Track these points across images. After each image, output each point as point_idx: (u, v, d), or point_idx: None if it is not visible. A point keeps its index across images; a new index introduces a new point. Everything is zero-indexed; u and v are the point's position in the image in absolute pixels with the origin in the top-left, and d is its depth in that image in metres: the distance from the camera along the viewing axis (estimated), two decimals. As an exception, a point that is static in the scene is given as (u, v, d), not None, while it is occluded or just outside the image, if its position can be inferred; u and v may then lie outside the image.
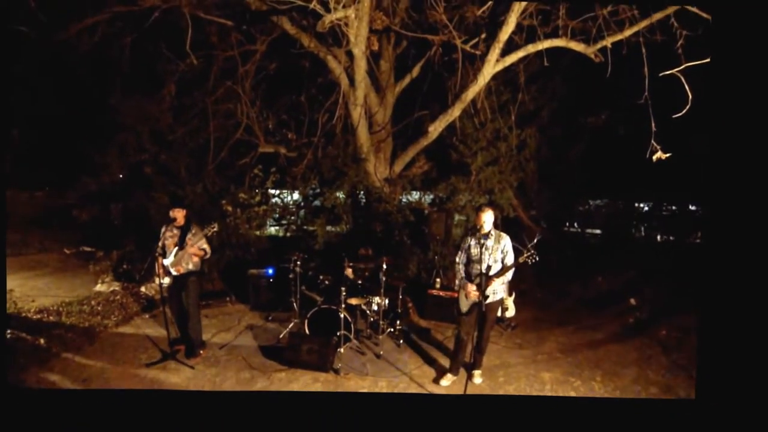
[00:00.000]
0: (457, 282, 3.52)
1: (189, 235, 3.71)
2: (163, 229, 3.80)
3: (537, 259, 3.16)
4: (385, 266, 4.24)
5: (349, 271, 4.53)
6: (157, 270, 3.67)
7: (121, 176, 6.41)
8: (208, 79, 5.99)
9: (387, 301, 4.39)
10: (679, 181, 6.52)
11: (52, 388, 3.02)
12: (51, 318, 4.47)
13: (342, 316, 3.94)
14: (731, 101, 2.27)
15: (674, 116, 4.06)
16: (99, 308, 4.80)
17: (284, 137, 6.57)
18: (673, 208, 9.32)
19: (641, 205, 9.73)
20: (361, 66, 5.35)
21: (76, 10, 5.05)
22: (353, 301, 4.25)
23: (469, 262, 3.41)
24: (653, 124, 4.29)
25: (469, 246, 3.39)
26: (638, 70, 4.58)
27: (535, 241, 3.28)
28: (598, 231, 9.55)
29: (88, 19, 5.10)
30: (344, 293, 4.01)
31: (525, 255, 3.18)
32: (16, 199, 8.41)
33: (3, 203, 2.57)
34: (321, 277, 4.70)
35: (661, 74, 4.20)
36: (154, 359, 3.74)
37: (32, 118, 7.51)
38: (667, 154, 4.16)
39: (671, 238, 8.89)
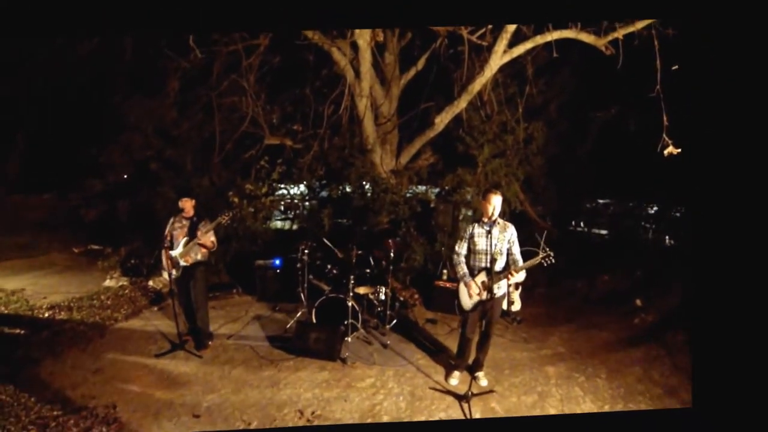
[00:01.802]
0: (459, 275, 3.22)
1: (199, 226, 3.72)
2: (171, 220, 3.80)
3: (554, 260, 2.91)
4: (392, 252, 4.21)
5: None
6: (164, 262, 3.70)
7: (125, 177, 6.42)
8: (212, 73, 5.96)
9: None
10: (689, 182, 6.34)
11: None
12: (62, 313, 4.53)
13: (350, 305, 3.95)
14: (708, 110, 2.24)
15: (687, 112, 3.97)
16: (108, 303, 4.87)
17: (290, 129, 6.55)
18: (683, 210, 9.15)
19: (650, 206, 9.56)
20: (366, 58, 5.31)
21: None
22: (361, 291, 4.25)
23: (471, 253, 3.16)
24: (665, 119, 4.21)
25: (473, 235, 3.13)
26: (650, 63, 4.48)
27: (544, 239, 3.03)
28: (604, 231, 9.35)
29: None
30: (352, 282, 4.01)
31: (541, 255, 2.94)
32: (23, 203, 8.50)
33: None
34: (329, 266, 4.71)
35: (673, 68, 4.12)
36: (163, 350, 3.78)
37: (36, 122, 7.51)
38: (679, 149, 4.09)
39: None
